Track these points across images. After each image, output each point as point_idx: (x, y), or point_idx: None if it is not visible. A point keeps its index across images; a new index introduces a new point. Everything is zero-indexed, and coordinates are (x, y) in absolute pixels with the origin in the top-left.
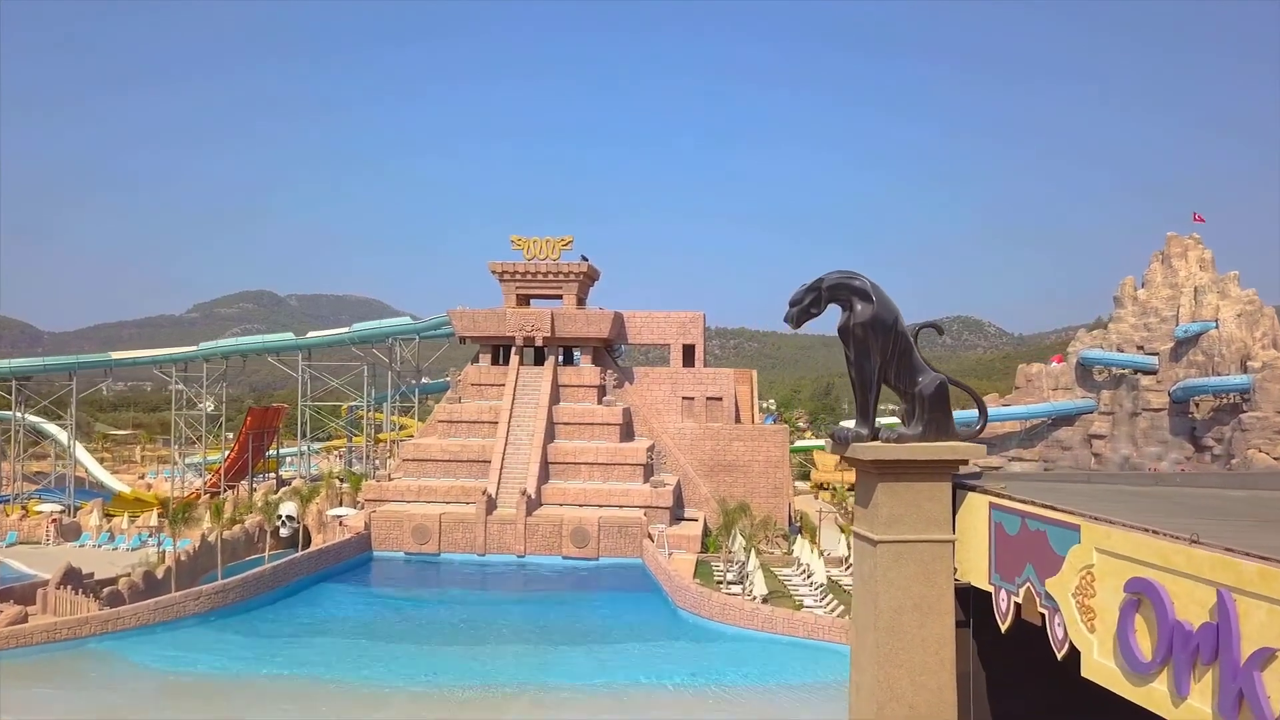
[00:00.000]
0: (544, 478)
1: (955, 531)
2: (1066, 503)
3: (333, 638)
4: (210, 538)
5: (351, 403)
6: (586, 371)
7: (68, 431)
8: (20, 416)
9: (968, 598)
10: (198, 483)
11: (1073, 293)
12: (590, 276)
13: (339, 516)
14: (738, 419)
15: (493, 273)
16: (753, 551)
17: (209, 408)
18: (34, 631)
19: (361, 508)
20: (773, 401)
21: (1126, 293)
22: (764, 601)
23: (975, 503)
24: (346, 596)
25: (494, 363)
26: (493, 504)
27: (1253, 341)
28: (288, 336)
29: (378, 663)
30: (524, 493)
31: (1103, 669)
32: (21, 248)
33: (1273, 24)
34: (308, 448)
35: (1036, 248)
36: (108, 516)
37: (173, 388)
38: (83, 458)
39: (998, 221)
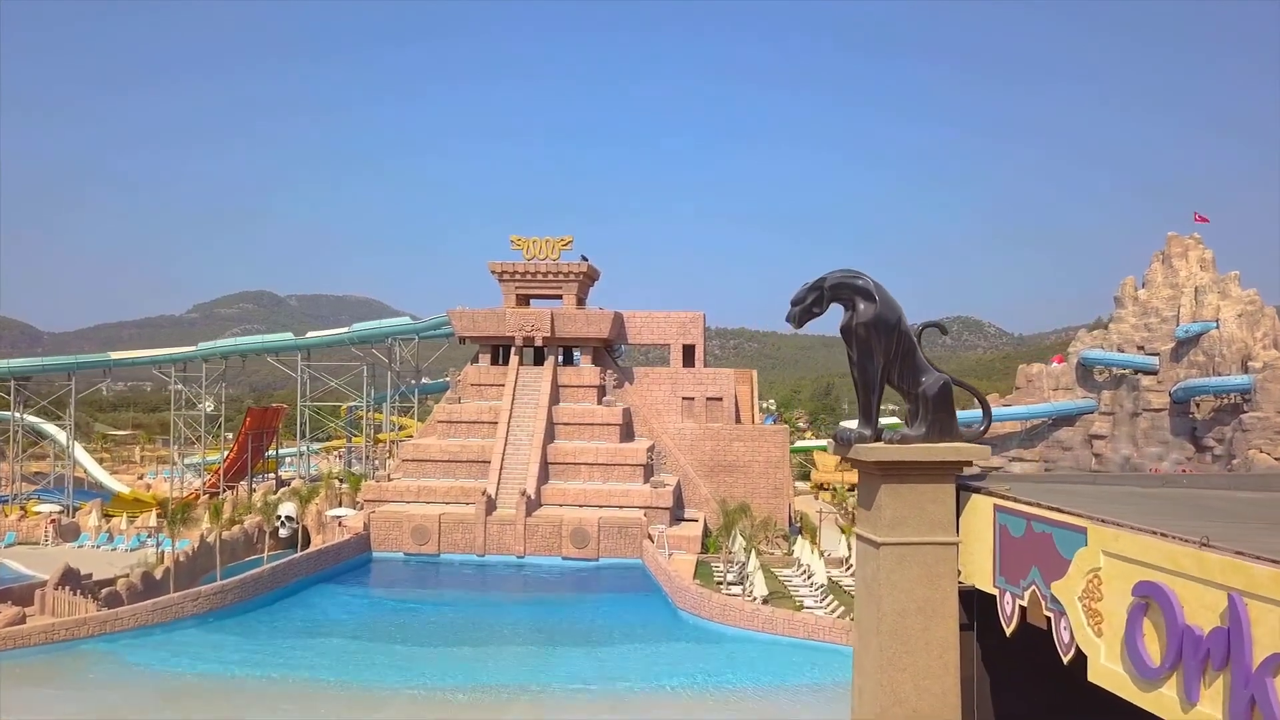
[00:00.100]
0: (544, 478)
1: (959, 534)
2: (1072, 505)
3: (332, 639)
4: (209, 538)
5: (351, 403)
6: (586, 372)
7: (66, 432)
8: (19, 417)
9: (972, 601)
10: (197, 483)
11: (1073, 293)
12: (590, 276)
13: (338, 517)
14: (738, 419)
15: (492, 273)
16: (753, 552)
17: (208, 408)
18: (32, 633)
19: (361, 508)
20: (773, 402)
21: (1127, 293)
22: (764, 602)
23: (979, 504)
24: (345, 597)
25: (494, 363)
26: (492, 504)
27: (1253, 342)
28: (287, 337)
29: (377, 664)
30: (524, 493)
31: (1110, 674)
32: (21, 248)
33: (1273, 24)
34: (307, 448)
35: (1036, 248)
36: (107, 517)
37: (172, 388)
38: (81, 458)
39: (998, 221)
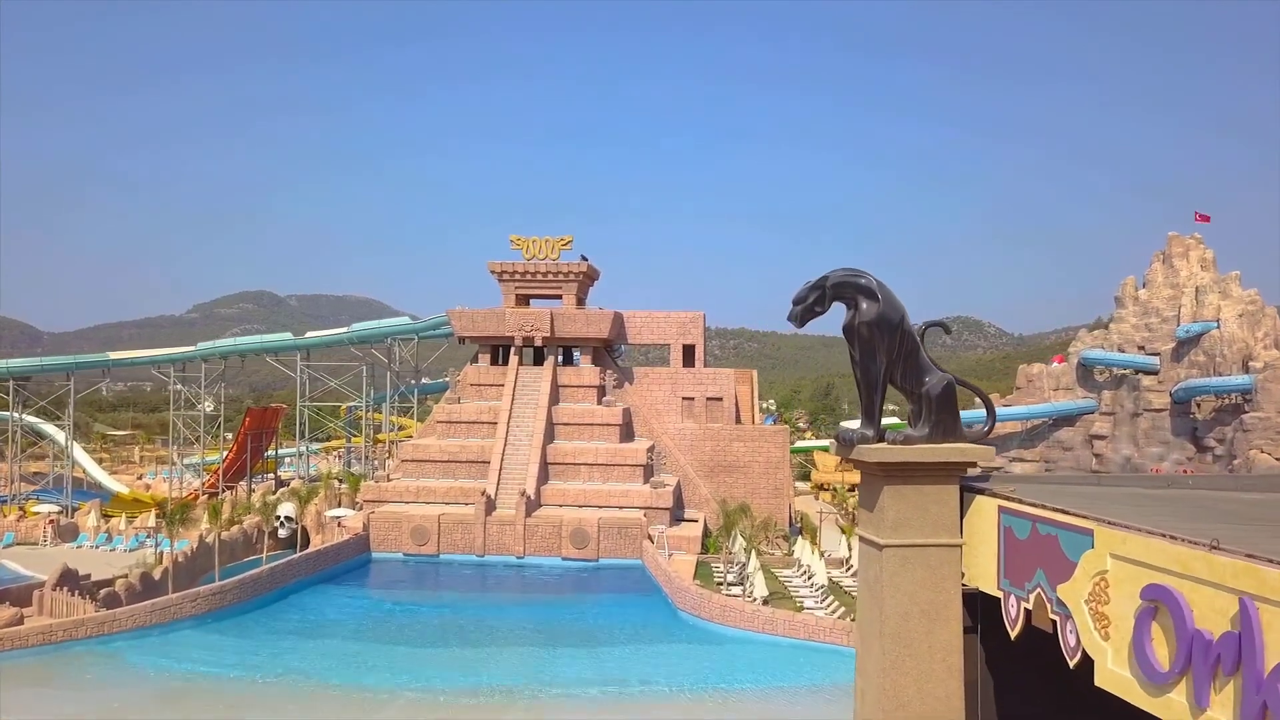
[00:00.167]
0: (543, 478)
1: (963, 535)
2: (1077, 506)
3: (330, 640)
4: (208, 539)
5: (350, 403)
6: (586, 372)
7: (65, 432)
8: (18, 417)
9: (975, 603)
10: (196, 483)
11: (1073, 293)
12: (590, 276)
13: (337, 517)
14: (738, 419)
15: (492, 273)
16: (753, 553)
17: (208, 408)
18: (29, 633)
19: (360, 509)
20: (773, 402)
21: (1127, 293)
22: (764, 603)
23: (983, 506)
24: (344, 598)
25: (493, 363)
26: (492, 505)
27: (1254, 342)
28: (286, 336)
29: (376, 665)
30: (523, 493)
31: (1117, 678)
32: (21, 248)
33: (1273, 24)
34: (306, 448)
35: (1036, 248)
36: (105, 517)
37: (171, 388)
38: (80, 458)
39: (998, 221)
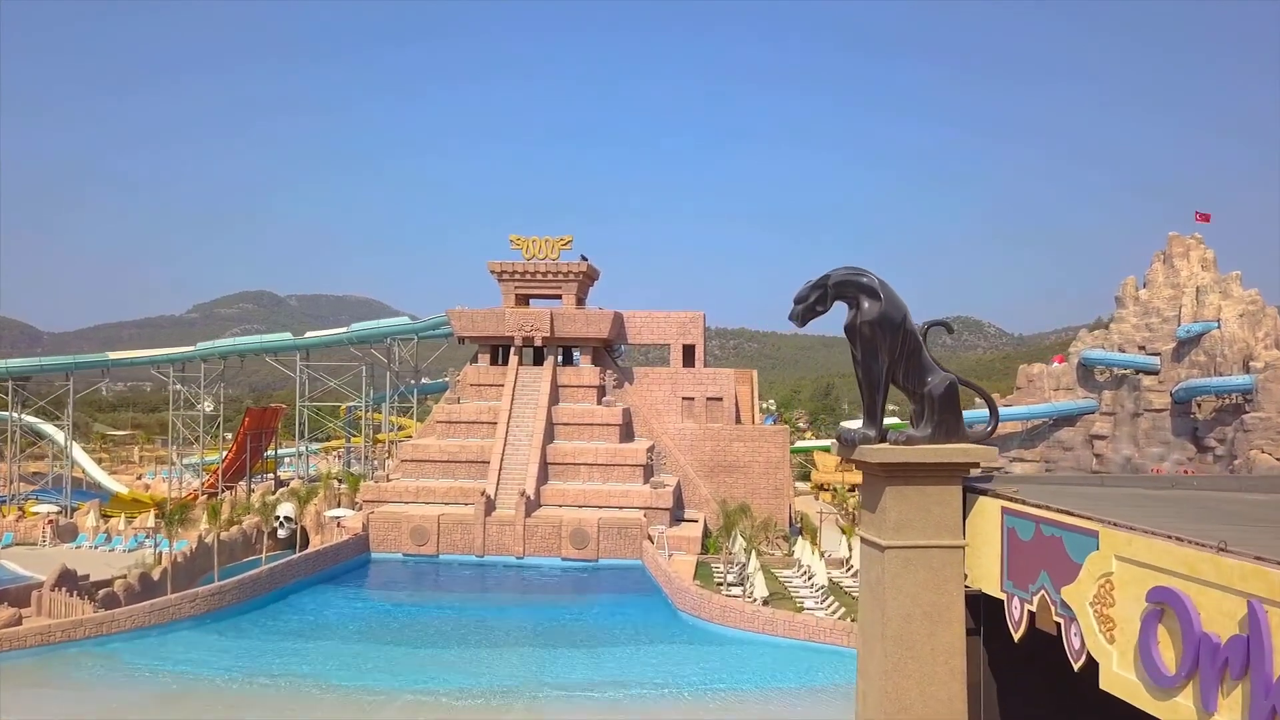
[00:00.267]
0: (543, 478)
1: (966, 537)
2: (1080, 507)
3: (329, 641)
4: (207, 539)
5: (350, 403)
6: (586, 372)
7: (65, 432)
8: (17, 417)
9: (978, 605)
10: (195, 483)
11: (1073, 293)
12: (590, 276)
13: (337, 518)
14: (738, 419)
15: (491, 272)
16: (753, 553)
17: (207, 408)
18: (27, 634)
19: (360, 509)
20: (772, 402)
21: (1128, 293)
22: (765, 603)
23: (987, 507)
24: (344, 599)
25: (493, 363)
26: (491, 505)
27: (1255, 342)
28: (285, 336)
29: (375, 666)
30: (523, 494)
31: (1122, 681)
32: (21, 248)
33: (1273, 24)
34: (306, 448)
35: (1036, 248)
36: (105, 518)
37: (170, 388)
38: (80, 458)
39: (998, 221)
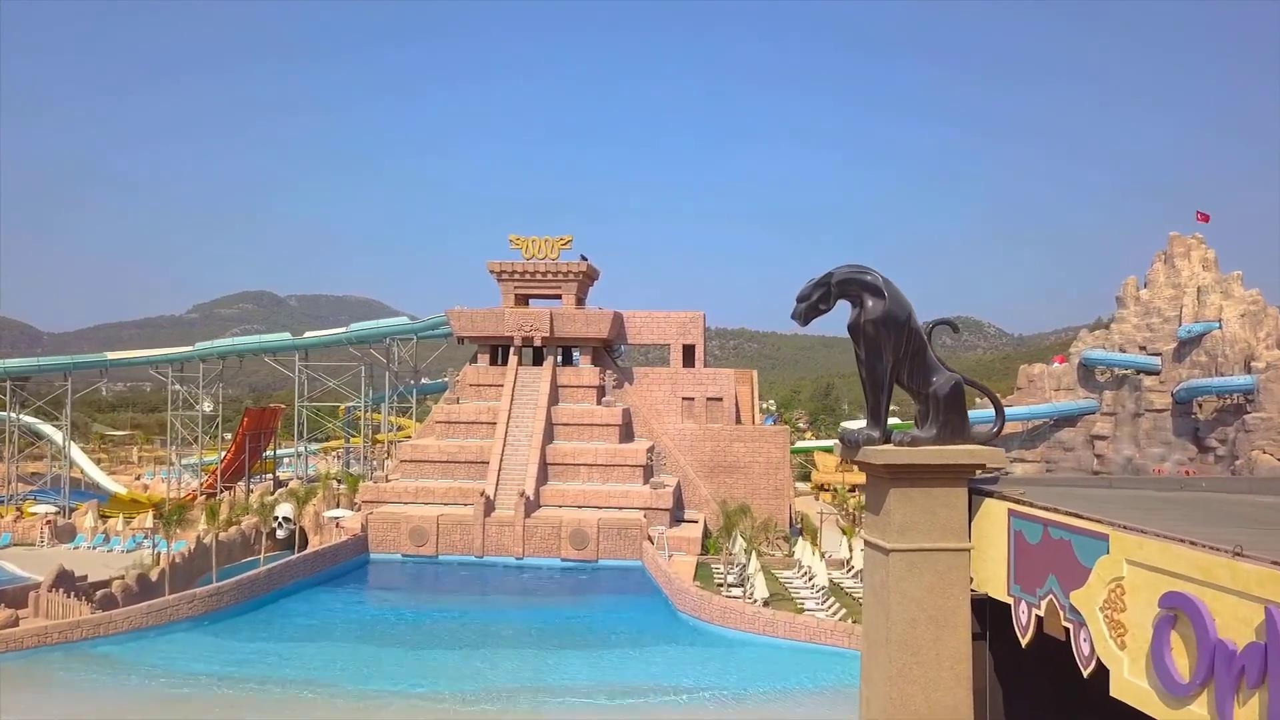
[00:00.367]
0: (543, 479)
1: (971, 540)
2: (1088, 509)
3: (328, 642)
4: (206, 540)
5: (349, 403)
6: (586, 372)
7: (63, 432)
8: (16, 417)
9: (984, 609)
10: (194, 484)
11: (1073, 293)
12: (590, 276)
13: (336, 518)
14: (738, 420)
15: (491, 272)
16: (753, 554)
17: (206, 408)
18: (25, 635)
19: (358, 509)
20: (773, 402)
21: (1129, 293)
22: (765, 605)
23: (993, 509)
24: (342, 600)
25: (492, 363)
26: (491, 505)
27: (1256, 342)
28: (284, 336)
29: (374, 667)
30: (522, 494)
31: (1134, 689)
32: (21, 248)
33: (1273, 24)
34: (305, 449)
35: (1036, 248)
36: (103, 518)
37: (169, 388)
38: (78, 459)
39: (998, 221)
